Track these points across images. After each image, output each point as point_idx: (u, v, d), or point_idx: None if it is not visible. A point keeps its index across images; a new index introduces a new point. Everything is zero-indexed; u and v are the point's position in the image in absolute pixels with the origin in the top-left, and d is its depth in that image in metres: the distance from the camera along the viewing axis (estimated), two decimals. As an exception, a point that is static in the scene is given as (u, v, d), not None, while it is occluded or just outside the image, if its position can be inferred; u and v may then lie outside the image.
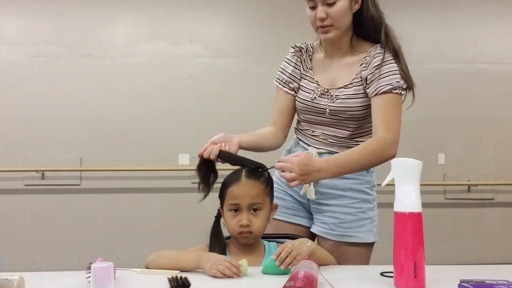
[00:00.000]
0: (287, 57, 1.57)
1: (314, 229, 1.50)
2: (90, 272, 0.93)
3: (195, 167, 1.35)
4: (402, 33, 1.50)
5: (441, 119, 4.03)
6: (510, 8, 4.17)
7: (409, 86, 1.42)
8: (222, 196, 1.30)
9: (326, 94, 1.47)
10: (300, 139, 1.57)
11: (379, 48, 1.44)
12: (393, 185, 1.02)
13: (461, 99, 4.06)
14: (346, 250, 1.42)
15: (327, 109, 1.46)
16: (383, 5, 1.47)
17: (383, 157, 1.35)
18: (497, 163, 4.03)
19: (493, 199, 4.02)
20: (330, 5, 1.36)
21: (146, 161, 3.76)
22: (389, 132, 1.36)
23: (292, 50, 1.57)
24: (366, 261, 1.47)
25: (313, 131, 1.52)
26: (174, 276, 0.99)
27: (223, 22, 4.01)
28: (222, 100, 3.82)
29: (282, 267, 1.10)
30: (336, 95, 1.45)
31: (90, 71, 3.82)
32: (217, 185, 1.34)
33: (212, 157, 1.30)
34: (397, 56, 1.42)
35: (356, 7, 1.41)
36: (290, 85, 1.54)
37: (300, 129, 1.58)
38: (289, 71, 1.54)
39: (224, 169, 1.34)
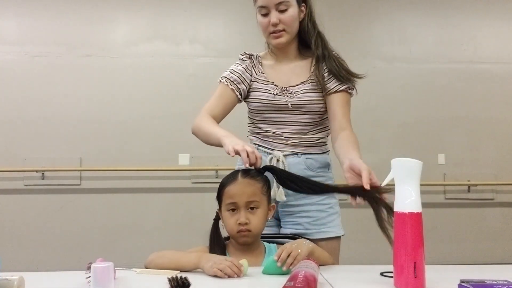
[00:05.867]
0: (236, 62, 1.62)
1: (286, 232, 1.50)
2: (90, 272, 0.94)
3: (195, 167, 1.36)
4: (402, 33, 1.52)
5: (441, 119, 4.03)
6: (510, 8, 4.17)
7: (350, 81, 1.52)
8: (220, 197, 1.30)
9: (284, 92, 1.52)
10: (259, 145, 1.56)
11: None
12: (393, 185, 1.02)
13: (461, 99, 4.06)
14: (321, 246, 1.41)
15: (289, 104, 1.51)
16: (383, 5, 1.48)
17: None
18: (497, 163, 4.03)
19: (493, 199, 4.02)
20: (283, 11, 1.46)
21: (146, 161, 3.76)
22: (351, 127, 1.49)
23: (242, 56, 1.62)
24: (338, 254, 1.52)
25: (274, 132, 1.54)
26: (174, 276, 0.99)
27: (223, 22, 4.02)
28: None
29: (284, 268, 1.10)
30: (295, 92, 1.52)
31: (90, 71, 3.82)
32: (217, 185, 1.34)
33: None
34: (323, 60, 1.52)
35: (302, 16, 1.52)
36: (238, 85, 1.55)
37: (258, 133, 1.58)
38: (239, 72, 1.57)
39: (222, 169, 1.34)
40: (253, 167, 1.29)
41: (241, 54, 1.63)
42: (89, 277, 0.94)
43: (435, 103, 4.03)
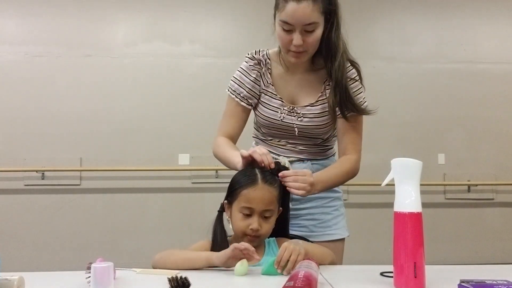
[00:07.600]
0: (243, 68, 1.51)
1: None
2: (90, 272, 0.93)
3: (195, 167, 1.35)
4: (402, 33, 1.51)
5: (441, 119, 4.03)
6: (510, 8, 4.17)
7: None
8: (233, 195, 1.27)
9: (292, 111, 1.48)
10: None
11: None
12: (393, 185, 1.02)
13: (461, 99, 4.06)
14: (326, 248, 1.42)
15: (296, 129, 1.48)
16: (383, 5, 1.48)
17: (353, 176, 1.47)
18: (497, 163, 4.03)
19: (493, 199, 4.02)
20: (309, 32, 1.33)
21: (146, 161, 3.76)
22: (356, 153, 1.47)
23: (251, 62, 1.51)
24: (342, 255, 1.53)
25: (279, 140, 1.54)
26: (174, 276, 0.99)
27: (223, 22, 4.02)
28: (222, 100, 3.81)
29: (284, 273, 1.10)
30: (303, 113, 1.47)
31: (90, 71, 3.82)
32: (217, 185, 1.34)
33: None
34: (337, 87, 1.40)
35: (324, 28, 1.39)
36: (249, 100, 1.51)
37: (263, 140, 1.58)
38: (249, 86, 1.50)
39: (222, 169, 1.34)
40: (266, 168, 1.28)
41: (250, 58, 1.52)
42: (89, 277, 0.94)
43: (435, 103, 4.03)
